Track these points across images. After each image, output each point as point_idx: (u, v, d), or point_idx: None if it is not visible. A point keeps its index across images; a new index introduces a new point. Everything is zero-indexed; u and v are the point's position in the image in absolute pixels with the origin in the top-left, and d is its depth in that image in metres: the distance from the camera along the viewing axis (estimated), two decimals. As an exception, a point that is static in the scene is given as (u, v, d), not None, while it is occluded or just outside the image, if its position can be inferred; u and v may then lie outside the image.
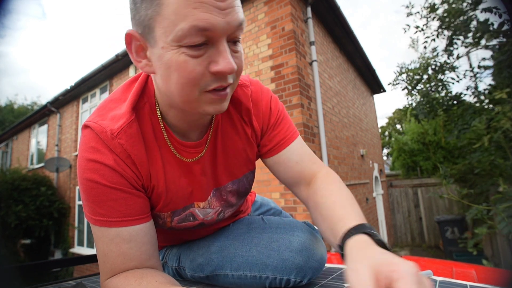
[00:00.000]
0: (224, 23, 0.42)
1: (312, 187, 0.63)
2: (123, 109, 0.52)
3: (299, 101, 3.24)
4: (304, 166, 0.65)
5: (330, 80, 4.52)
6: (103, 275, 0.53)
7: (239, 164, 0.66)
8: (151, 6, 0.42)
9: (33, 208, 6.59)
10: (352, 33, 4.98)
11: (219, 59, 0.44)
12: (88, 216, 0.51)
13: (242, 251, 0.65)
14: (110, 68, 5.75)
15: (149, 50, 0.47)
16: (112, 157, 0.50)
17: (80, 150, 0.51)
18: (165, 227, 0.63)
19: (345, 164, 4.59)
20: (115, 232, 0.50)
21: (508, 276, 0.81)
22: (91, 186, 0.49)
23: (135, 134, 0.52)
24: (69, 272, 6.35)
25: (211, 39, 0.43)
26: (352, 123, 5.55)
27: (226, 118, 0.63)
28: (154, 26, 0.43)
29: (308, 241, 0.63)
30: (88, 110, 6.81)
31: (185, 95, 0.46)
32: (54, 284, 0.86)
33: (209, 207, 0.65)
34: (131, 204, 0.51)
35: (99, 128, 0.50)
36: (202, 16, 0.40)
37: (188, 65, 0.43)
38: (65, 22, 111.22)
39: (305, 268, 0.61)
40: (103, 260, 0.52)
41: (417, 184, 8.41)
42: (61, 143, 7.69)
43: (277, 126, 0.66)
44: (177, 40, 0.42)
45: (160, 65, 0.45)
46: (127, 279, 0.49)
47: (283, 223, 0.68)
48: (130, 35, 0.47)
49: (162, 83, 0.48)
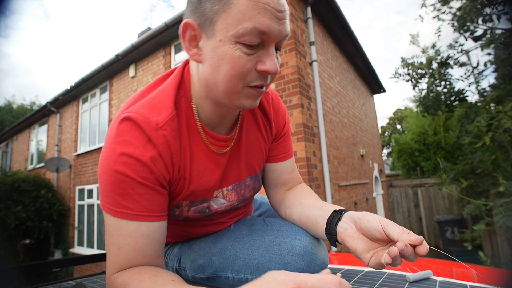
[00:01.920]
0: (278, 31, 0.48)
1: (294, 189, 0.74)
2: (164, 102, 0.55)
3: (299, 101, 3.24)
4: (293, 177, 0.77)
5: (330, 80, 4.52)
6: (111, 268, 0.51)
7: (258, 160, 0.71)
8: (219, 3, 0.47)
9: (33, 210, 6.58)
10: (352, 33, 4.98)
11: (267, 60, 0.50)
12: (108, 208, 0.51)
13: (243, 254, 0.65)
14: (110, 68, 5.75)
15: (202, 40, 0.51)
16: (147, 152, 0.50)
17: (110, 142, 0.51)
18: (180, 217, 0.64)
19: (345, 164, 4.59)
20: (135, 226, 0.50)
21: (508, 276, 0.81)
22: (120, 178, 0.49)
23: (176, 128, 0.55)
24: (69, 272, 6.35)
25: (263, 42, 0.49)
26: (352, 123, 5.55)
27: (250, 115, 0.69)
28: (216, 21, 0.48)
29: (311, 246, 0.63)
30: (88, 110, 6.80)
31: (230, 86, 0.51)
32: (54, 284, 0.86)
33: (223, 198, 0.67)
34: (154, 200, 0.52)
35: (143, 118, 0.51)
36: (264, 21, 0.46)
37: (241, 60, 0.48)
38: (65, 22, 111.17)
39: (307, 273, 0.62)
40: (115, 252, 0.51)
41: (417, 184, 8.41)
42: (61, 143, 7.68)
43: (285, 138, 0.75)
44: (237, 36, 0.47)
45: (212, 55, 0.49)
46: (140, 275, 0.48)
47: (285, 226, 0.68)
48: (187, 24, 0.51)
49: (208, 72, 0.52)
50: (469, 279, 0.71)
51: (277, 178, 0.75)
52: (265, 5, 0.46)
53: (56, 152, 7.69)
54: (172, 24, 4.34)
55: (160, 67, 4.90)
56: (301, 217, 0.66)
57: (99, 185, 0.52)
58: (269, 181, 0.77)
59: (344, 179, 4.39)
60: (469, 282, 0.66)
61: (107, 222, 0.52)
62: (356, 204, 4.79)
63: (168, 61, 4.78)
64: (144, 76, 5.23)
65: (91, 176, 6.35)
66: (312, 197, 0.70)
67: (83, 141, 6.91)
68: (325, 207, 0.63)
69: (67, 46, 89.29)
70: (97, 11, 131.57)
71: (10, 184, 6.62)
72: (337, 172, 4.14)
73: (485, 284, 0.66)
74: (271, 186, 0.77)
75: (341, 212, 0.58)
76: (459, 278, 0.71)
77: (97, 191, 6.21)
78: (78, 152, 6.83)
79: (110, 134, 0.52)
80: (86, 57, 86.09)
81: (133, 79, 5.49)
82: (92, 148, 6.32)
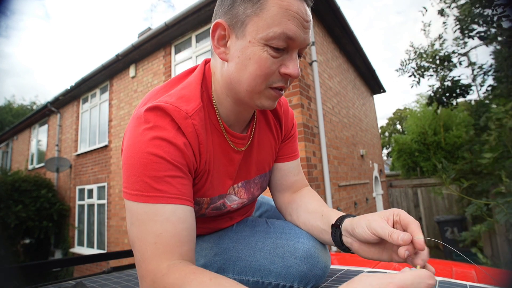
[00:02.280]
0: (302, 39, 0.52)
1: (300, 193, 0.75)
2: (192, 94, 0.56)
3: (299, 101, 3.24)
4: (299, 179, 0.78)
5: (330, 80, 4.52)
6: (152, 260, 0.45)
7: (268, 159, 0.73)
8: (252, 7, 0.50)
9: (33, 210, 6.58)
10: (352, 33, 4.98)
11: (290, 64, 0.53)
12: (138, 195, 0.48)
13: (245, 255, 0.65)
14: (110, 68, 5.75)
15: (231, 40, 0.54)
16: (179, 137, 0.51)
17: (139, 128, 0.50)
18: (198, 214, 0.64)
19: (345, 164, 4.59)
20: (172, 209, 0.48)
21: (508, 276, 0.81)
22: (154, 160, 0.48)
23: (203, 119, 0.56)
24: (69, 272, 6.35)
25: (288, 47, 0.52)
26: (352, 123, 5.55)
27: (262, 116, 0.71)
28: (248, 23, 0.51)
29: (313, 249, 0.63)
30: (88, 110, 6.80)
31: (253, 85, 0.53)
32: (54, 284, 0.86)
33: (234, 194, 0.68)
34: (185, 184, 0.52)
35: (172, 107, 0.51)
36: (292, 27, 0.50)
37: (267, 62, 0.51)
38: (65, 22, 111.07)
39: (309, 276, 0.62)
40: (153, 241, 0.46)
41: (417, 184, 8.41)
42: (61, 143, 7.68)
43: (292, 139, 0.78)
44: (266, 39, 0.50)
45: (240, 54, 0.52)
46: (196, 275, 0.43)
47: (287, 228, 0.68)
48: (218, 24, 0.54)
49: (234, 70, 0.54)
50: (469, 279, 0.71)
51: (283, 179, 0.76)
52: (294, 13, 0.50)
53: (56, 152, 7.69)
54: (172, 24, 4.34)
55: (160, 67, 4.90)
56: (306, 224, 0.67)
57: (125, 172, 0.50)
58: (275, 182, 0.78)
59: (344, 179, 4.39)
60: (469, 282, 0.66)
61: (135, 211, 0.48)
62: (356, 204, 4.78)
63: (168, 61, 4.78)
64: (144, 76, 5.23)
65: (91, 176, 6.35)
66: (316, 202, 0.70)
67: (83, 141, 6.91)
68: (326, 215, 0.64)
69: (67, 46, 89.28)
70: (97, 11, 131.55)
71: (11, 184, 6.62)
72: (337, 172, 4.14)
73: (485, 284, 0.66)
74: (277, 188, 0.78)
75: (338, 225, 0.58)
76: (458, 278, 0.71)
77: (97, 191, 6.21)
78: (78, 152, 6.83)
79: (136, 122, 0.51)
80: (86, 57, 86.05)
81: (133, 79, 5.49)
82: (92, 148, 6.32)
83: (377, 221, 0.50)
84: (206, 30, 4.27)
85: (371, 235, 0.50)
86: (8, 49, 34.69)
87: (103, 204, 6.01)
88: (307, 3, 0.53)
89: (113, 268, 1.02)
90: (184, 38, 4.58)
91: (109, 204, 5.80)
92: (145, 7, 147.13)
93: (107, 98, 6.16)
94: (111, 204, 5.75)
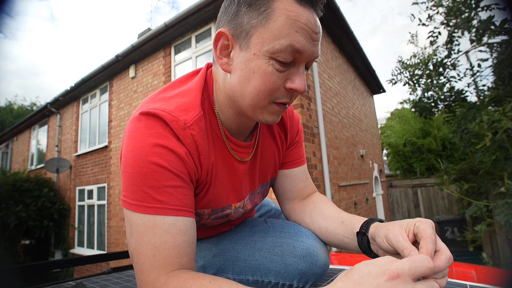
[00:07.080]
0: (311, 52, 0.49)
1: (312, 198, 0.73)
2: (192, 102, 0.53)
3: (299, 101, 3.24)
4: (307, 184, 0.75)
5: (329, 80, 4.52)
6: (151, 272, 0.45)
7: (271, 169, 0.71)
8: (257, 17, 0.47)
9: (34, 209, 6.57)
10: (351, 33, 4.98)
11: (297, 79, 0.50)
12: (137, 205, 0.46)
13: (244, 255, 0.65)
14: (110, 69, 5.75)
15: (235, 51, 0.51)
16: (181, 146, 0.49)
17: (140, 133, 0.48)
18: (198, 224, 0.63)
19: (345, 165, 4.58)
20: (172, 221, 0.47)
21: (508, 276, 0.81)
22: (155, 169, 0.46)
23: (203, 128, 0.53)
24: (69, 272, 6.34)
25: (296, 60, 0.49)
26: (352, 124, 5.55)
27: (266, 125, 0.68)
28: (252, 34, 0.48)
29: (312, 247, 0.63)
30: (88, 111, 6.80)
31: (257, 100, 0.51)
32: (54, 284, 0.86)
33: (242, 207, 0.67)
34: (187, 194, 0.50)
35: (170, 117, 0.49)
36: (300, 39, 0.47)
37: (272, 76, 0.48)
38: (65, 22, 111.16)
39: (308, 274, 0.62)
40: (152, 253, 0.45)
41: (417, 184, 8.41)
42: (61, 144, 7.68)
43: (298, 145, 0.76)
44: (272, 52, 0.47)
45: (244, 67, 0.50)
46: (195, 280, 0.43)
47: (287, 227, 0.68)
48: (221, 33, 0.51)
49: (237, 83, 0.51)
50: (469, 279, 0.71)
51: (291, 185, 0.73)
52: (303, 24, 0.47)
53: (56, 152, 7.69)
54: (172, 25, 4.34)
55: (160, 68, 4.90)
56: (322, 230, 0.65)
57: (124, 180, 0.48)
58: (283, 189, 0.75)
59: (344, 179, 4.39)
60: (469, 282, 0.66)
61: (134, 222, 0.47)
62: (356, 204, 4.78)
63: (168, 62, 4.78)
64: (144, 77, 5.23)
65: (91, 176, 6.35)
66: (332, 207, 0.68)
67: (83, 141, 6.91)
68: (347, 222, 0.61)
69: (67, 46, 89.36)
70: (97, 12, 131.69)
71: (12, 184, 6.62)
72: (337, 172, 4.14)
73: (485, 284, 0.66)
74: (285, 195, 0.75)
75: (365, 232, 0.56)
76: (459, 278, 0.71)
77: (97, 192, 6.21)
78: (78, 152, 6.83)
79: (136, 126, 0.49)
80: (86, 57, 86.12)
81: (133, 79, 5.49)
82: (92, 149, 6.32)
83: (394, 231, 0.47)
84: (206, 31, 4.27)
85: (388, 246, 0.48)
86: (16, 51, 34.61)
87: (103, 204, 6.00)
88: (317, 13, 0.50)
89: (113, 269, 1.02)
90: (184, 39, 4.58)
91: (109, 205, 5.79)
92: (146, 7, 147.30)
93: (107, 99, 6.16)
94: (111, 204, 5.74)
